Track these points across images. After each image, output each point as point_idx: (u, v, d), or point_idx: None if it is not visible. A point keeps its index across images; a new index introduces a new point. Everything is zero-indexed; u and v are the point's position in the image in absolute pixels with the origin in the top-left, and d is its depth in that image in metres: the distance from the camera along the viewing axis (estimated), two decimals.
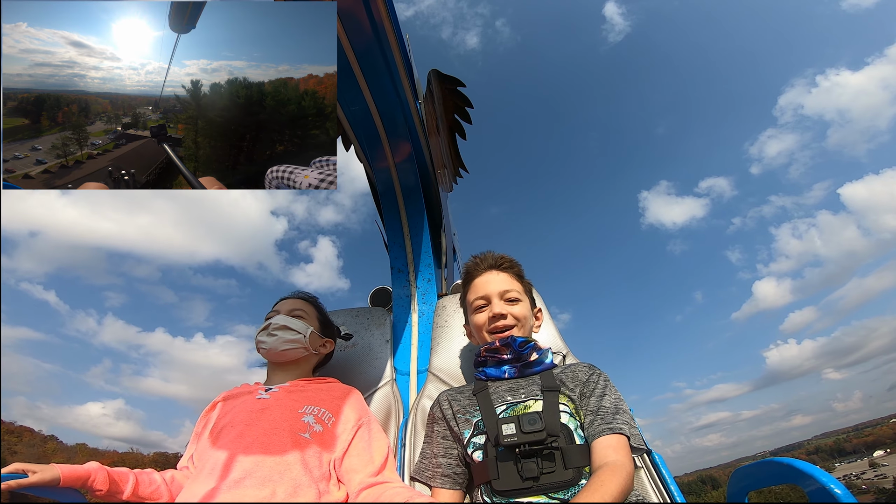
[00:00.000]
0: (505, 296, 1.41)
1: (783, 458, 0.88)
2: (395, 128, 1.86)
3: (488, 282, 1.45)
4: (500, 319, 1.37)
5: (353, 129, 1.91)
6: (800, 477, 0.83)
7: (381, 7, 1.35)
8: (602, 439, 1.09)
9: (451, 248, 2.65)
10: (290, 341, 1.41)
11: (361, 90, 1.63)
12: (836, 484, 0.77)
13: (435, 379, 1.64)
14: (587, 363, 1.34)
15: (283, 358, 1.42)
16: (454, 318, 1.81)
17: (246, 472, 1.09)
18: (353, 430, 1.25)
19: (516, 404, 1.22)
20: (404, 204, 2.11)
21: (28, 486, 1.02)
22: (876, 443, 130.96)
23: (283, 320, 1.43)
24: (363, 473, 1.16)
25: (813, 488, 0.79)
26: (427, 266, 2.06)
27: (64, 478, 1.07)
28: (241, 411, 1.27)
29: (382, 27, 1.41)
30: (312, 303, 1.58)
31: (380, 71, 1.57)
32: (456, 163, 2.42)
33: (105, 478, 1.13)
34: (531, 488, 1.06)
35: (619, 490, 0.95)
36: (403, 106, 1.76)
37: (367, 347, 1.82)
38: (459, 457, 1.26)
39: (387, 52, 1.50)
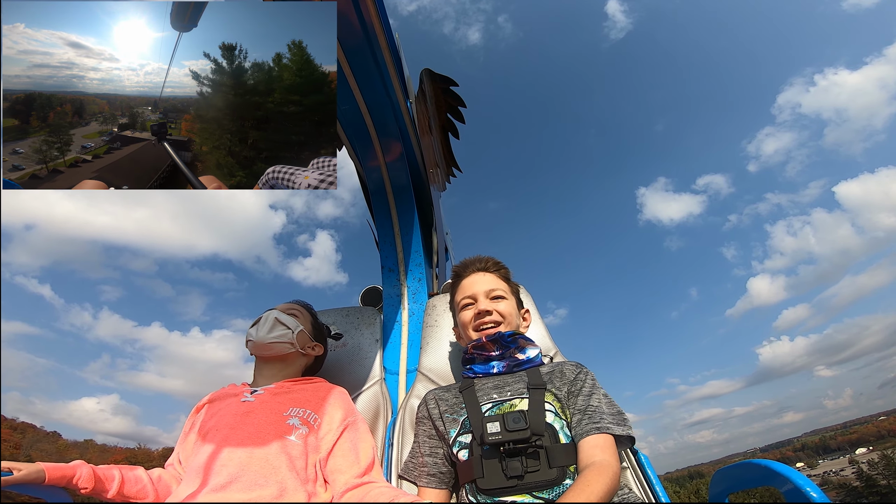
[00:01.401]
0: (490, 294, 1.46)
1: (760, 459, 0.90)
2: (385, 127, 1.85)
3: (474, 282, 1.50)
4: (486, 316, 1.40)
5: (344, 129, 1.90)
6: (775, 478, 0.84)
7: (370, 7, 1.35)
8: (589, 438, 1.10)
9: (444, 247, 2.65)
10: (278, 336, 1.40)
11: (352, 90, 1.62)
12: (812, 486, 0.79)
13: (424, 378, 1.64)
14: (575, 362, 1.35)
15: (268, 352, 1.41)
16: (444, 317, 1.82)
17: (231, 476, 1.08)
18: (338, 431, 1.25)
19: (502, 402, 1.23)
20: (395, 203, 2.11)
21: (13, 484, 1.01)
22: (860, 440, 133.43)
23: (274, 314, 1.44)
24: (348, 474, 1.16)
25: (788, 489, 0.81)
26: (418, 265, 2.06)
27: (49, 476, 1.06)
28: (226, 414, 1.26)
29: (372, 27, 1.40)
30: (308, 308, 1.59)
31: (370, 71, 1.56)
32: (449, 162, 2.42)
33: (90, 476, 1.12)
34: (516, 487, 1.06)
35: (605, 490, 0.96)
36: (394, 105, 1.76)
37: (356, 347, 1.82)
38: (445, 456, 1.27)
39: (377, 52, 1.50)
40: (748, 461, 0.92)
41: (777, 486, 0.83)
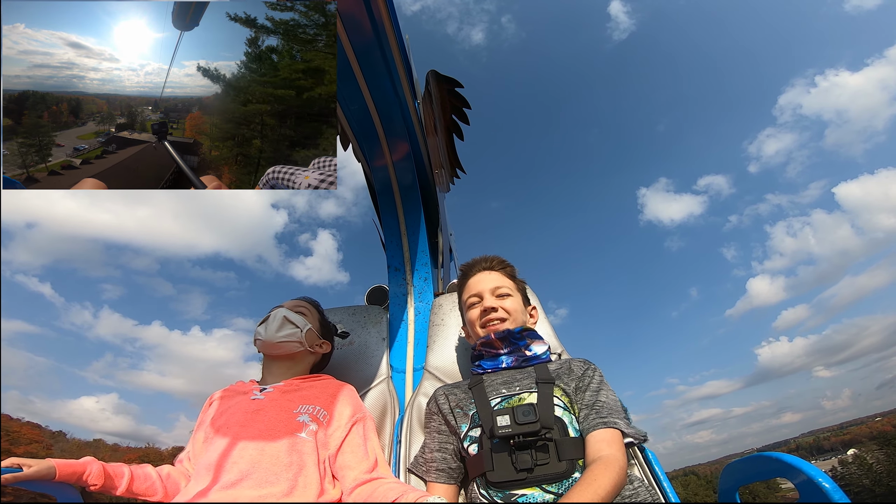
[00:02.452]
0: (496, 291, 1.48)
1: (772, 452, 0.91)
2: (393, 127, 1.87)
3: (481, 280, 1.53)
4: (492, 312, 1.42)
5: (352, 128, 1.91)
6: (788, 471, 0.86)
7: (381, 8, 1.36)
8: (596, 433, 1.11)
9: (448, 247, 2.66)
10: (287, 334, 1.40)
11: (360, 89, 1.63)
12: (824, 477, 0.81)
13: (431, 377, 1.65)
14: (582, 358, 1.36)
15: (278, 350, 1.41)
16: (450, 316, 1.82)
17: (242, 473, 1.09)
18: (347, 427, 1.26)
19: (511, 396, 1.24)
20: (402, 203, 2.11)
21: (24, 481, 1.01)
22: (852, 441, 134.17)
23: (283, 312, 1.43)
24: (357, 470, 1.17)
25: (801, 480, 0.83)
26: (424, 265, 2.07)
27: (59, 472, 1.07)
28: (236, 412, 1.27)
29: (383, 27, 1.41)
30: (315, 305, 1.59)
31: (379, 71, 1.57)
32: (453, 163, 2.43)
33: (100, 472, 1.12)
34: (525, 480, 1.07)
35: (612, 484, 0.97)
36: (402, 105, 1.77)
37: (363, 345, 1.82)
38: (455, 451, 1.28)
39: (386, 52, 1.51)
40: (760, 454, 0.94)
41: (790, 478, 0.85)
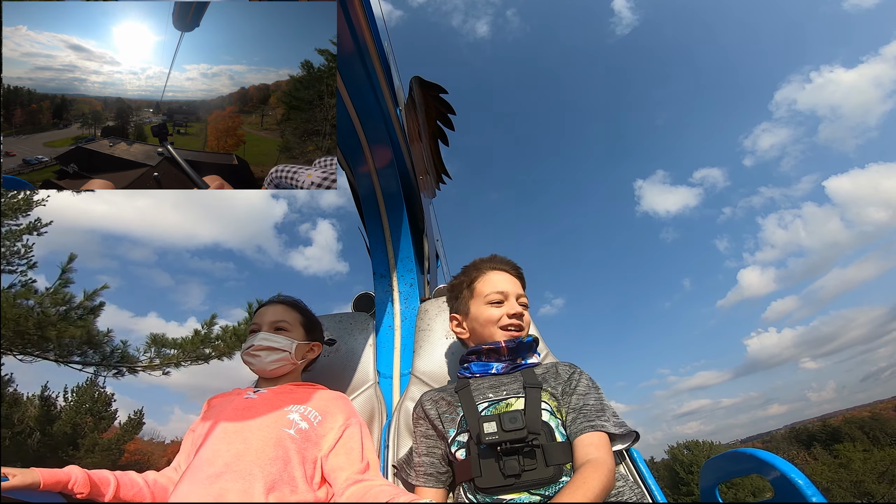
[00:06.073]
0: (520, 300, 1.44)
1: (747, 448, 0.93)
2: (375, 135, 1.87)
3: (508, 280, 1.46)
4: (517, 319, 1.38)
5: None
6: (763, 467, 0.88)
7: (360, 16, 1.36)
8: (584, 437, 1.11)
9: (434, 253, 2.67)
10: (276, 360, 1.40)
11: (342, 97, 1.63)
12: (797, 473, 0.83)
13: (418, 381, 1.65)
14: (568, 362, 1.37)
15: (272, 375, 1.44)
16: (436, 321, 1.83)
17: (226, 465, 1.09)
18: (340, 430, 1.26)
19: (498, 402, 1.24)
20: (386, 209, 2.11)
21: (8, 490, 0.99)
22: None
23: (265, 341, 1.40)
24: (349, 471, 1.17)
25: (774, 476, 0.84)
26: (409, 271, 2.07)
27: (44, 482, 1.05)
28: (227, 409, 1.28)
29: (362, 35, 1.42)
30: (295, 307, 1.54)
31: (359, 79, 1.57)
32: (439, 169, 2.44)
33: (86, 480, 1.11)
34: (513, 485, 1.07)
35: (600, 487, 0.97)
36: (384, 113, 1.77)
37: (350, 352, 1.82)
38: (442, 456, 1.27)
39: (366, 60, 1.51)
40: (735, 451, 0.95)
41: (764, 474, 0.86)
